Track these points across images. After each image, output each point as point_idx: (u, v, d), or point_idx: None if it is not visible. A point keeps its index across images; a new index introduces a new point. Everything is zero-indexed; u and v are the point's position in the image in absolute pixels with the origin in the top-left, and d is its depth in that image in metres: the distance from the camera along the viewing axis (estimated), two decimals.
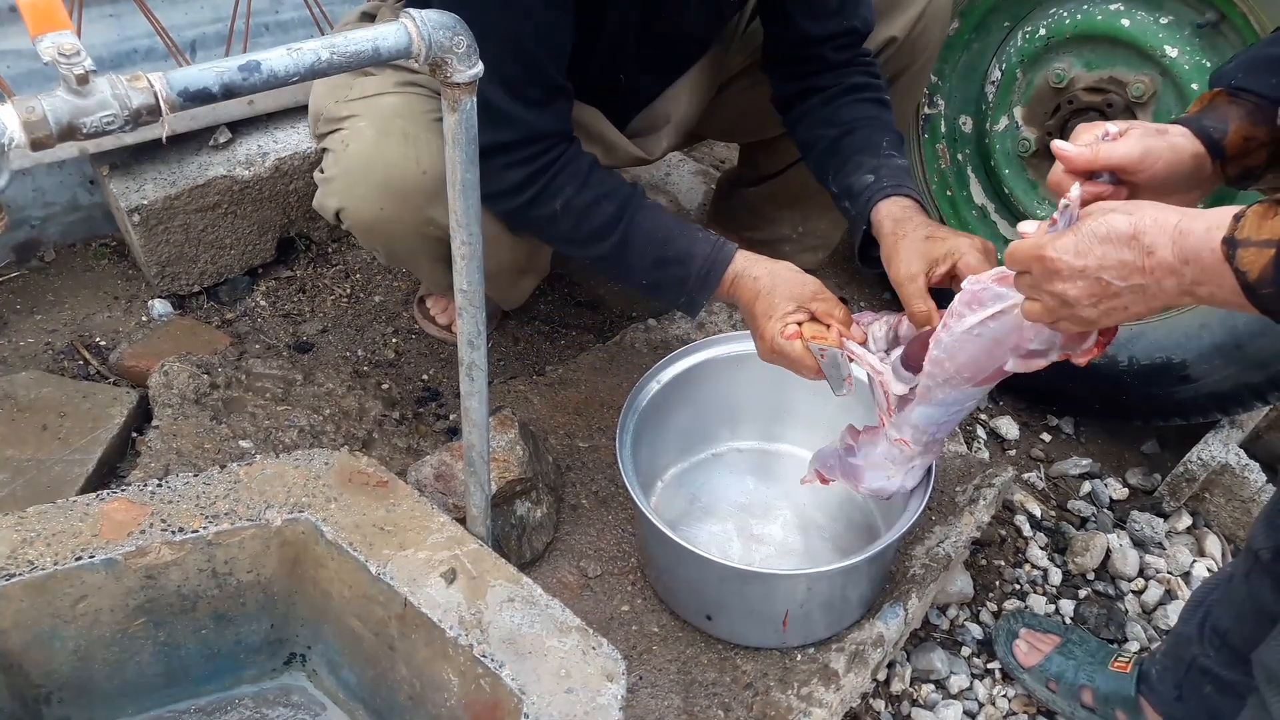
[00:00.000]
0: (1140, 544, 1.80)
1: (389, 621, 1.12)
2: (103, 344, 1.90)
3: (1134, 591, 1.73)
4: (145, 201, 1.87)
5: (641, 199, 1.38)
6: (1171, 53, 1.62)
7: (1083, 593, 1.72)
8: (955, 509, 1.59)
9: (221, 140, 1.98)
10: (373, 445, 1.67)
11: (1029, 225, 0.96)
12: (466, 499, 1.25)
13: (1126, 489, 1.91)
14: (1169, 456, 1.94)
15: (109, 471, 1.62)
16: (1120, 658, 1.49)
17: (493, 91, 1.22)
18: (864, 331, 1.26)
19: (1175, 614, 1.68)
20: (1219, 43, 1.60)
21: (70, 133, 0.68)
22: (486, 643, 1.05)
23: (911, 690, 1.54)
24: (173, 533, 1.12)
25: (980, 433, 1.96)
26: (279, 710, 1.23)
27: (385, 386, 1.84)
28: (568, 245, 1.43)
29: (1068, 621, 1.67)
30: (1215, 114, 0.99)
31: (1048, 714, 1.54)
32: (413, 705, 1.15)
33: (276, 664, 1.25)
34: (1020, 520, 1.81)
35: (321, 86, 1.54)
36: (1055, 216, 0.91)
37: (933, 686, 1.55)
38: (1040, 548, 1.77)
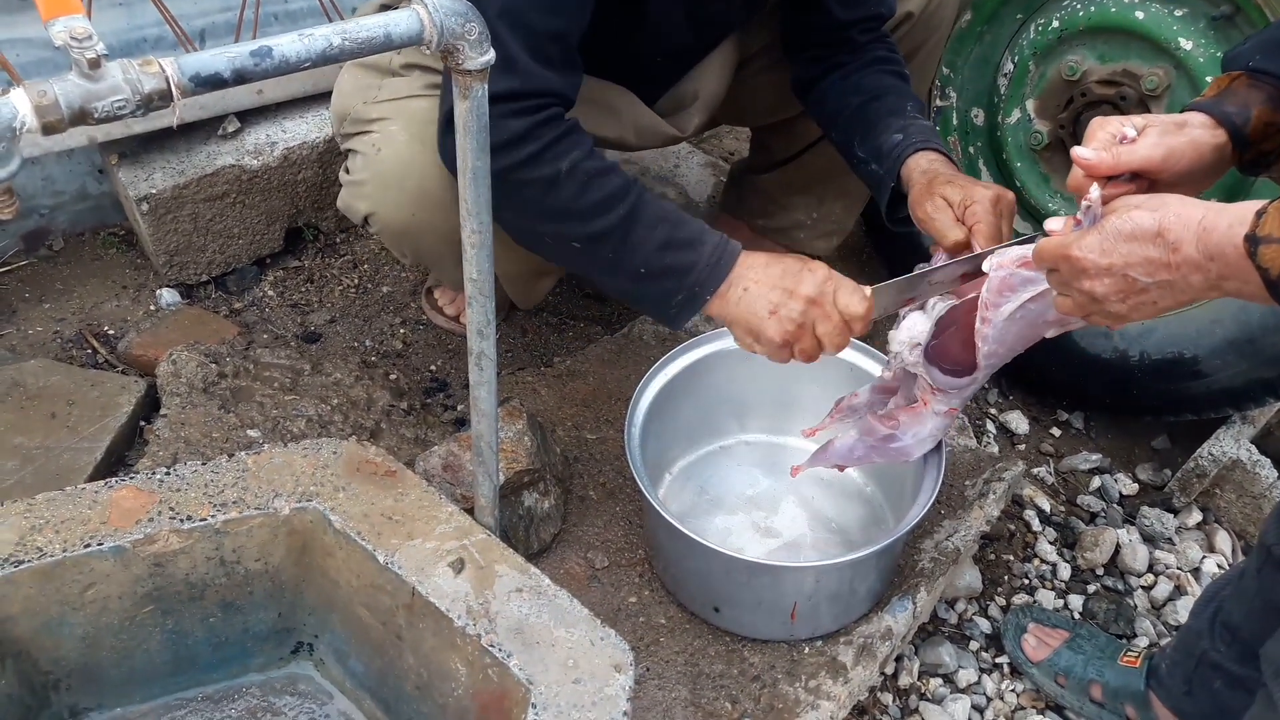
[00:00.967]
0: (1150, 539, 1.79)
1: (397, 611, 1.12)
2: (111, 333, 1.90)
3: (1143, 587, 1.73)
4: (154, 191, 1.87)
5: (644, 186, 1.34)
6: (1186, 45, 1.61)
7: (1092, 588, 1.72)
8: (964, 503, 1.59)
9: (230, 130, 1.98)
10: (380, 435, 1.67)
11: (1055, 223, 0.96)
12: (474, 489, 1.24)
13: (1136, 484, 1.90)
14: (1179, 452, 1.93)
15: (117, 460, 1.62)
16: (1129, 652, 1.49)
17: (510, 40, 1.15)
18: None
19: (1185, 609, 1.67)
20: (1233, 35, 1.59)
21: (82, 117, 0.68)
22: (494, 632, 1.04)
23: (919, 684, 1.54)
24: (181, 521, 1.12)
25: (990, 427, 1.95)
26: (286, 699, 1.23)
27: (393, 377, 1.83)
28: (561, 218, 1.24)
29: (1076, 617, 1.66)
30: (1235, 98, 0.98)
31: (1056, 709, 1.53)
32: (420, 695, 1.15)
33: (284, 653, 1.25)
34: (1029, 515, 1.80)
35: (347, 85, 1.51)
36: (1079, 216, 0.91)
37: (941, 680, 1.55)
38: (1049, 542, 1.77)
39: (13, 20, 1.78)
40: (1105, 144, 0.98)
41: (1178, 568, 1.75)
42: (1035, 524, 1.79)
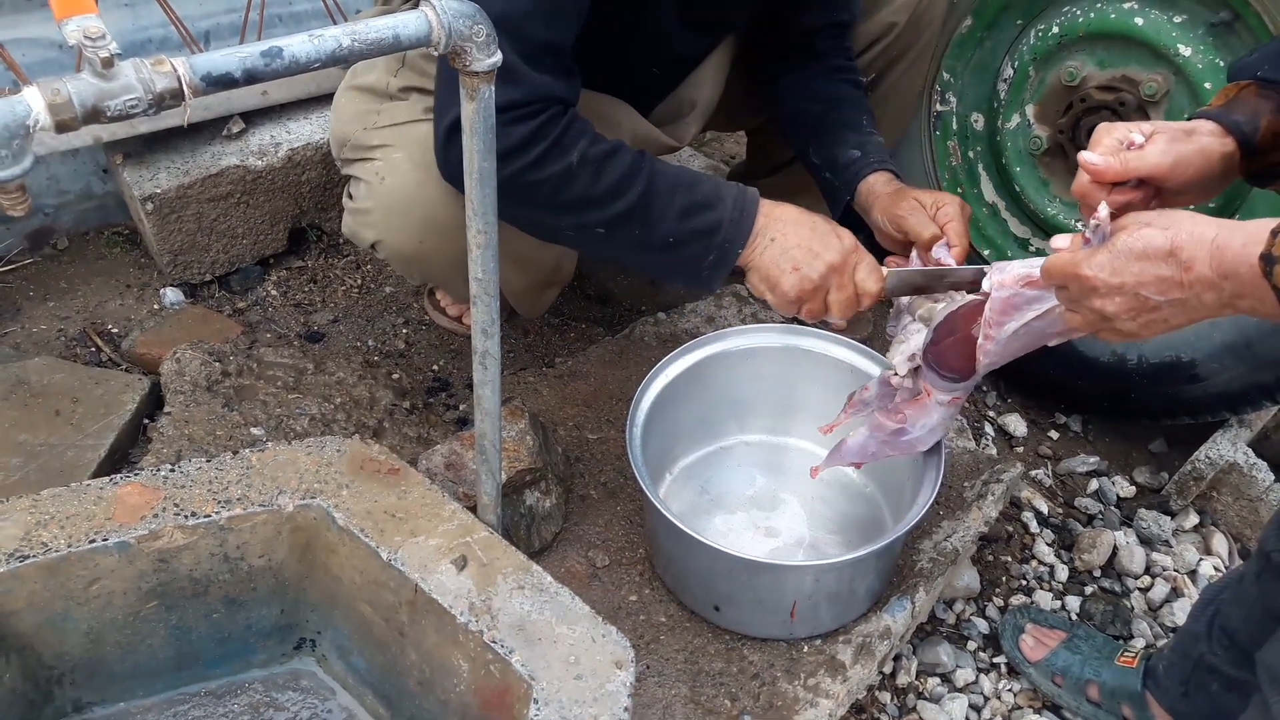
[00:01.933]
0: (1147, 542, 1.80)
1: (399, 607, 1.12)
2: (115, 331, 1.91)
3: (1140, 589, 1.74)
4: (158, 190, 1.88)
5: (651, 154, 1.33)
6: (1185, 52, 1.62)
7: (1089, 589, 1.73)
8: (963, 504, 1.60)
9: (235, 130, 1.99)
10: (383, 434, 1.68)
11: (1062, 240, 0.95)
12: (477, 487, 1.25)
13: (1134, 487, 1.91)
14: (1177, 455, 1.94)
15: (121, 457, 1.63)
16: (1126, 653, 1.49)
17: (508, 49, 1.12)
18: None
19: (1181, 612, 1.68)
20: (1232, 42, 1.60)
21: (95, 115, 0.69)
22: (496, 629, 1.05)
23: (917, 683, 1.54)
24: (185, 517, 1.12)
25: (988, 429, 1.96)
26: (289, 694, 1.24)
27: (396, 376, 1.84)
28: (581, 209, 1.24)
29: (1074, 618, 1.67)
30: (1244, 107, 0.97)
31: (1053, 708, 1.54)
32: (422, 691, 1.15)
33: (287, 649, 1.25)
34: (1027, 516, 1.81)
35: (345, 109, 1.50)
36: (1087, 234, 0.90)
37: (938, 680, 1.55)
38: (1047, 544, 1.78)
39: (17, 20, 1.80)
40: (1113, 150, 0.97)
41: (1174, 570, 1.76)
42: (1033, 525, 1.80)
